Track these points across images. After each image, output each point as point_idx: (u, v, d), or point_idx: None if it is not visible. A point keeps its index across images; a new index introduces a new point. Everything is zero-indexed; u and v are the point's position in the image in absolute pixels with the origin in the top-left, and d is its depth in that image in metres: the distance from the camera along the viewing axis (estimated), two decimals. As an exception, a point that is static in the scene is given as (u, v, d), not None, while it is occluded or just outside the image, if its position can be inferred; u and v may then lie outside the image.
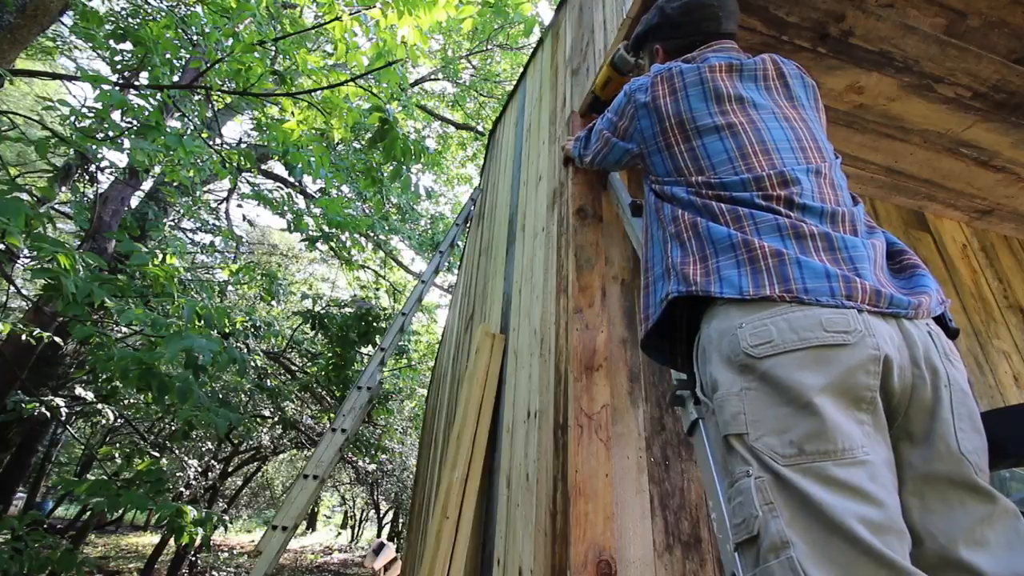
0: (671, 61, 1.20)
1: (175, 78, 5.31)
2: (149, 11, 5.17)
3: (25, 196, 2.64)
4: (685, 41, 1.26)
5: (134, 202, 7.06)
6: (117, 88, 3.16)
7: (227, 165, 4.52)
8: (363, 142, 6.64)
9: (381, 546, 9.48)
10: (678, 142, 1.04)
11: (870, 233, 0.95)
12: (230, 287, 7.73)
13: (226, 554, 11.96)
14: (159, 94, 3.67)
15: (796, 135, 1.00)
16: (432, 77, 11.04)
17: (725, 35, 1.23)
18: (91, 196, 6.82)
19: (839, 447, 0.68)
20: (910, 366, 0.77)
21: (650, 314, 1.00)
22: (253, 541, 16.24)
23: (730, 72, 1.08)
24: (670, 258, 0.96)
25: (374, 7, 3.48)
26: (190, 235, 9.39)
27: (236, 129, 13.65)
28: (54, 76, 3.66)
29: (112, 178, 6.47)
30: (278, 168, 9.70)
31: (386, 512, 18.14)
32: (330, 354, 7.37)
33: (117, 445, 9.65)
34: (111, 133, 3.28)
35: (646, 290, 1.04)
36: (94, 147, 3.30)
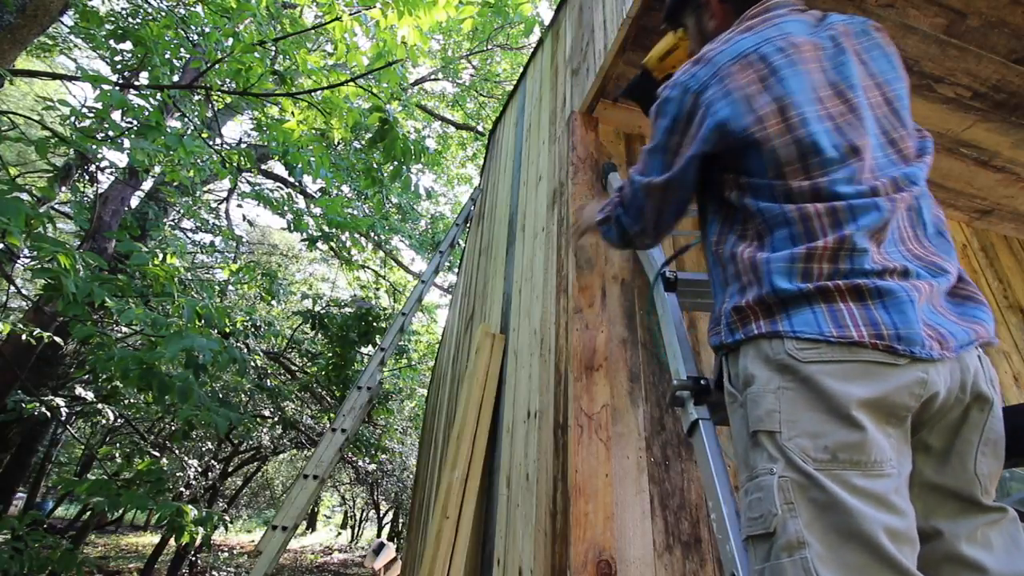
0: (732, 31, 0.97)
1: (175, 78, 5.31)
2: (149, 11, 5.16)
3: (25, 196, 2.64)
4: None
5: (134, 202, 7.06)
6: (117, 88, 3.16)
7: (227, 165, 4.52)
8: (363, 142, 6.65)
9: (381, 546, 9.49)
10: (778, 133, 0.85)
11: (939, 237, 0.87)
12: (230, 287, 7.73)
13: (226, 554, 11.96)
14: (159, 94, 3.67)
15: (890, 124, 0.90)
16: (432, 77, 11.04)
17: None
18: (91, 196, 6.82)
19: (871, 459, 0.69)
20: (957, 390, 0.77)
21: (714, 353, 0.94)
22: (253, 541, 16.24)
23: (816, 50, 0.91)
24: (727, 303, 0.87)
25: (374, 7, 3.48)
26: (190, 235, 9.39)
27: (236, 129, 13.66)
28: (54, 76, 3.66)
29: (112, 178, 6.47)
30: (278, 168, 9.71)
31: (386, 512, 18.14)
32: (330, 354, 7.37)
33: (117, 445, 9.65)
34: (111, 133, 3.27)
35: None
36: (94, 147, 3.30)
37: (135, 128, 3.34)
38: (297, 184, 8.60)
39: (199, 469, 7.70)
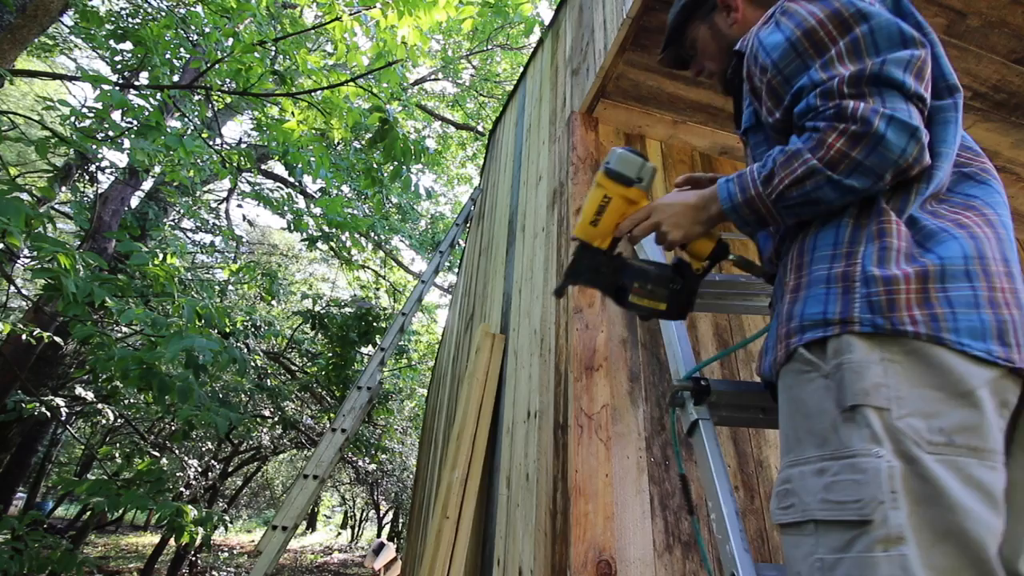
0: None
1: (175, 78, 5.31)
2: (149, 11, 5.17)
3: (25, 196, 2.64)
4: None
5: (134, 202, 7.06)
6: (117, 88, 3.16)
7: (227, 165, 4.52)
8: (363, 142, 6.66)
9: (381, 546, 9.49)
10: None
11: None
12: (230, 287, 7.73)
13: (226, 554, 11.97)
14: (159, 94, 3.67)
15: None
16: (432, 77, 11.05)
17: None
18: (91, 196, 6.83)
19: (989, 447, 0.61)
20: None
21: (793, 329, 0.75)
22: (253, 541, 16.25)
23: None
24: (859, 261, 0.72)
25: (374, 7, 3.48)
26: (190, 235, 9.39)
27: (236, 129, 13.67)
28: (54, 76, 3.66)
29: (112, 178, 6.48)
30: (278, 168, 9.72)
31: (386, 512, 18.16)
32: (330, 354, 7.38)
33: (117, 445, 9.66)
34: (111, 133, 3.28)
35: (793, 294, 0.78)
36: (94, 147, 3.31)
37: (135, 128, 3.35)
38: (297, 184, 8.61)
39: (199, 469, 7.70)
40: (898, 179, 0.72)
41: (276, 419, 7.47)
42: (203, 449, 9.27)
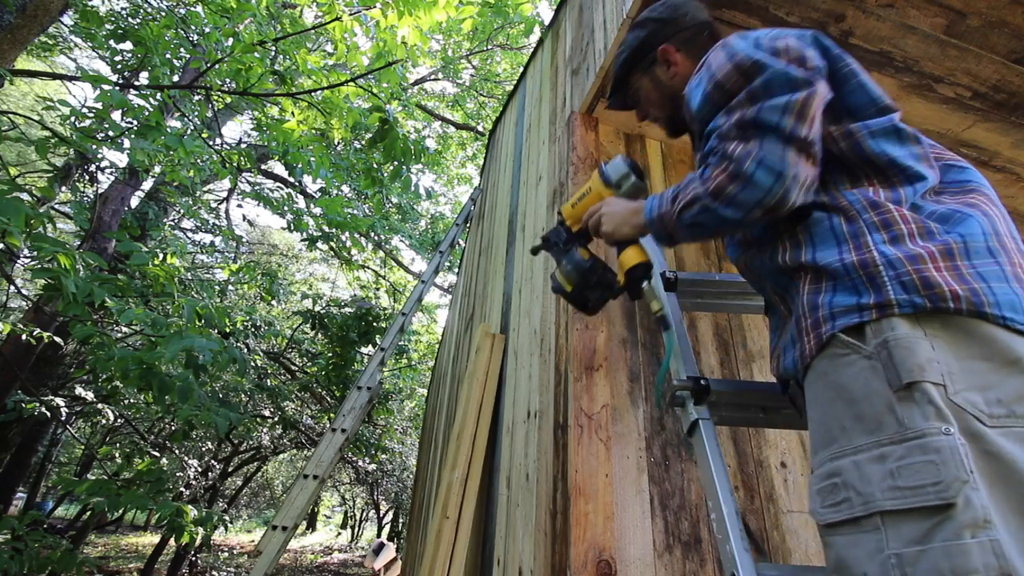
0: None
1: (175, 78, 5.31)
2: (149, 11, 5.17)
3: (25, 196, 2.64)
4: (693, 31, 1.09)
5: (134, 202, 7.06)
6: (117, 88, 3.16)
7: (227, 165, 4.52)
8: (363, 142, 6.65)
9: (381, 546, 9.50)
10: (855, 72, 0.85)
11: None
12: (230, 287, 7.73)
13: (226, 554, 11.97)
14: (159, 94, 3.67)
15: None
16: (432, 77, 11.06)
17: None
18: (91, 196, 6.83)
19: None
20: None
21: (823, 318, 0.74)
22: (253, 541, 16.25)
23: None
24: (872, 247, 0.72)
25: (374, 7, 3.48)
26: (190, 235, 9.39)
27: (236, 129, 13.67)
28: (54, 76, 3.66)
29: (112, 178, 6.48)
30: (278, 168, 9.72)
31: (386, 512, 18.16)
32: (330, 354, 7.38)
33: (117, 445, 9.66)
34: (111, 133, 3.28)
35: (813, 285, 0.77)
36: (94, 147, 3.31)
37: (135, 128, 3.35)
38: (297, 184, 8.61)
39: (199, 469, 7.70)
40: (769, 215, 0.77)
41: (276, 419, 7.47)
42: (203, 449, 9.27)
